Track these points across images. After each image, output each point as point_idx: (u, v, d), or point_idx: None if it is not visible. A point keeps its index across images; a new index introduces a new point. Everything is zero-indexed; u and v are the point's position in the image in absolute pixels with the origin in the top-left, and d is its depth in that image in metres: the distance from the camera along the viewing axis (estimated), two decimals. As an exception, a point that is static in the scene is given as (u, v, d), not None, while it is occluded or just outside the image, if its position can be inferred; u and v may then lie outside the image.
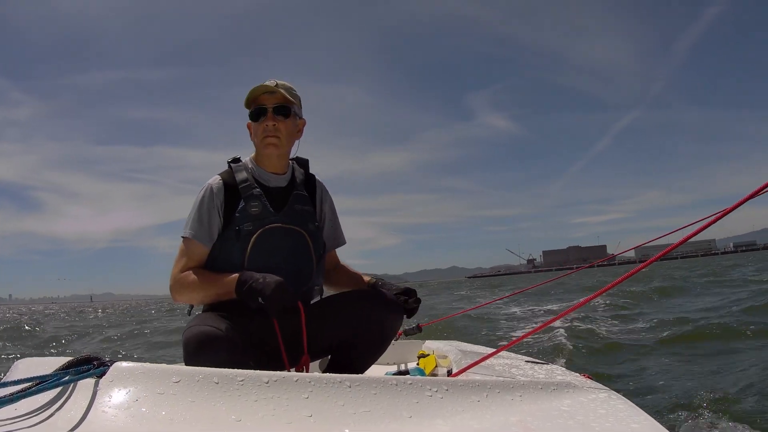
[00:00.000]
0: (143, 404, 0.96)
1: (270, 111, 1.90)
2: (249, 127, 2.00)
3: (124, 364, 1.05)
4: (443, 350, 2.58)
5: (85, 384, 1.02)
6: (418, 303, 1.96)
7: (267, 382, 1.01)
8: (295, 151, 2.05)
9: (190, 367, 1.06)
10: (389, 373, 2.31)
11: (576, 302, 1.64)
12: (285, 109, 1.92)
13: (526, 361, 2.20)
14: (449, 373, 2.09)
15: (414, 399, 1.03)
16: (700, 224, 1.50)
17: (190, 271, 1.85)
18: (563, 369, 2.03)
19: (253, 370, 1.04)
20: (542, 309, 13.13)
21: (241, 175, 1.93)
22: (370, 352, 1.89)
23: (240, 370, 1.04)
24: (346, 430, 0.93)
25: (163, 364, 1.09)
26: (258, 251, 1.84)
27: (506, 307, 13.79)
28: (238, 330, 1.68)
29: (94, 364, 1.06)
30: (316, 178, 2.10)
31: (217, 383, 1.00)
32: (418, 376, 1.49)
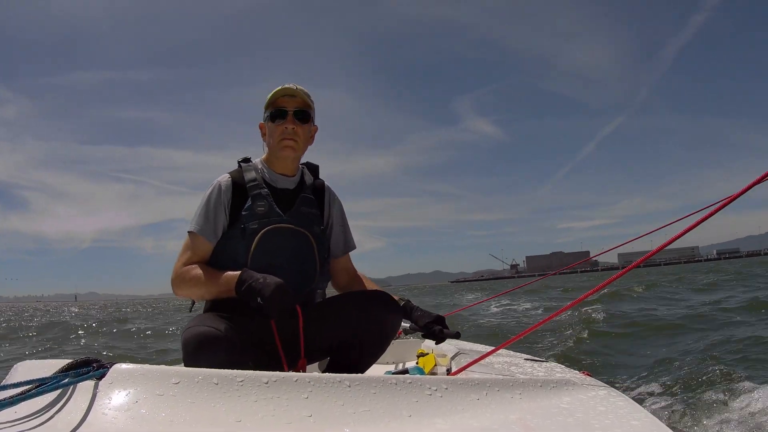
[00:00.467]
0: (143, 406, 0.96)
1: (290, 114, 1.93)
2: (261, 127, 2.03)
3: (124, 365, 1.05)
4: (442, 349, 2.58)
5: (85, 386, 1.02)
6: (457, 335, 1.95)
7: (266, 383, 1.01)
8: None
9: (190, 368, 1.06)
10: (389, 372, 2.31)
11: (570, 302, 1.65)
12: (305, 114, 1.96)
13: (525, 359, 2.21)
14: (448, 371, 2.09)
15: (414, 398, 1.03)
16: (684, 222, 1.51)
17: (193, 266, 1.86)
18: (562, 366, 2.04)
19: (253, 371, 1.04)
20: (538, 309, 13.16)
21: (250, 175, 1.96)
22: (369, 352, 1.89)
23: (239, 371, 1.04)
24: (346, 430, 0.93)
25: (162, 366, 1.09)
26: (262, 250, 1.85)
27: (504, 306, 13.82)
28: (238, 330, 1.68)
29: (93, 366, 1.06)
30: (326, 183, 2.12)
31: (217, 384, 1.00)
32: (418, 375, 1.50)
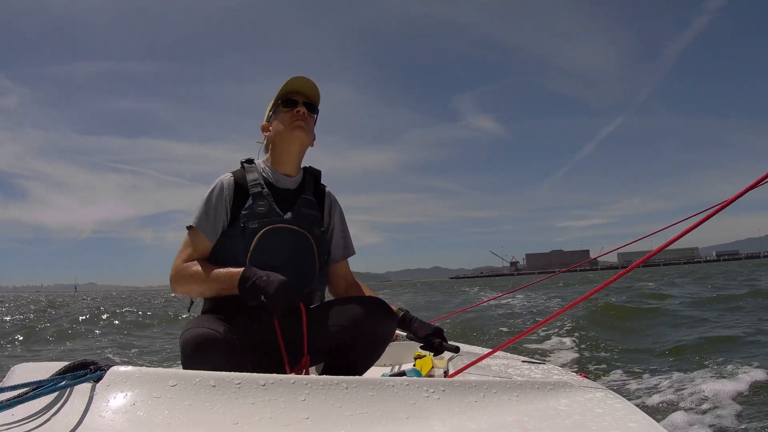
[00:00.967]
0: (140, 408, 0.96)
1: (301, 101, 2.01)
2: (264, 128, 2.08)
3: (121, 368, 1.05)
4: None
5: (82, 389, 1.01)
6: (456, 350, 1.97)
7: (264, 385, 1.01)
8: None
9: (187, 371, 1.06)
10: (386, 374, 2.31)
11: (569, 303, 1.65)
12: (313, 107, 2.05)
13: (523, 361, 2.20)
14: (446, 373, 2.09)
15: (411, 400, 1.03)
16: (686, 223, 1.51)
17: (193, 263, 1.85)
18: (559, 369, 2.04)
19: (250, 373, 1.04)
20: (536, 309, 13.17)
21: (252, 175, 1.98)
22: (366, 355, 1.89)
23: (237, 373, 1.04)
24: (343, 432, 0.93)
25: (159, 368, 1.09)
26: (261, 249, 1.85)
27: (501, 306, 13.82)
28: (237, 332, 1.68)
29: (90, 369, 1.06)
30: (327, 189, 2.14)
31: (214, 386, 1.00)
32: (415, 378, 1.50)
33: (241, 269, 1.77)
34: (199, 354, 1.56)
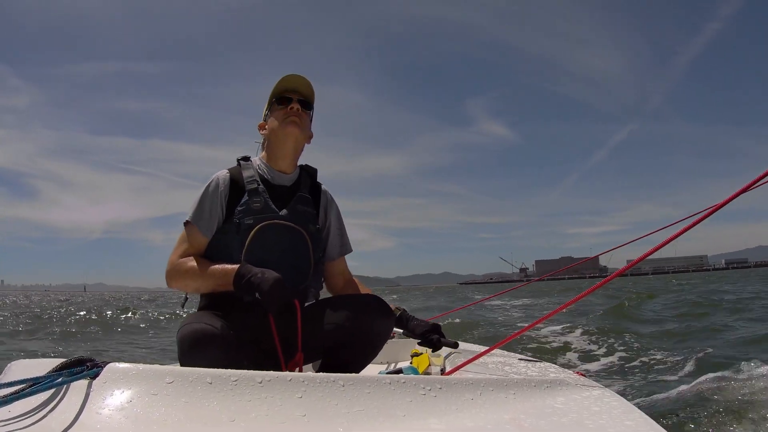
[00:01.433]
0: (137, 405, 0.95)
1: (295, 98, 2.02)
2: (261, 127, 2.08)
3: (118, 365, 1.04)
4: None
5: (79, 385, 1.01)
6: (455, 345, 1.99)
7: (260, 382, 1.01)
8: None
9: (184, 368, 1.05)
10: (383, 372, 2.31)
11: (565, 302, 1.65)
12: (308, 104, 2.05)
13: (520, 358, 2.21)
14: (442, 371, 2.10)
15: (407, 398, 1.03)
16: (684, 222, 1.51)
17: (189, 258, 1.86)
18: (556, 367, 2.04)
19: (247, 370, 1.04)
20: (535, 309, 13.19)
21: (248, 172, 1.98)
22: (363, 353, 1.90)
23: (233, 370, 1.03)
24: (340, 430, 0.93)
25: (156, 365, 1.08)
26: (256, 245, 1.85)
27: (500, 306, 13.84)
28: (234, 328, 1.68)
29: (87, 366, 1.06)
30: (323, 186, 2.14)
31: (211, 383, 1.00)
32: (412, 375, 1.50)
33: (236, 266, 1.77)
34: (196, 349, 1.57)
